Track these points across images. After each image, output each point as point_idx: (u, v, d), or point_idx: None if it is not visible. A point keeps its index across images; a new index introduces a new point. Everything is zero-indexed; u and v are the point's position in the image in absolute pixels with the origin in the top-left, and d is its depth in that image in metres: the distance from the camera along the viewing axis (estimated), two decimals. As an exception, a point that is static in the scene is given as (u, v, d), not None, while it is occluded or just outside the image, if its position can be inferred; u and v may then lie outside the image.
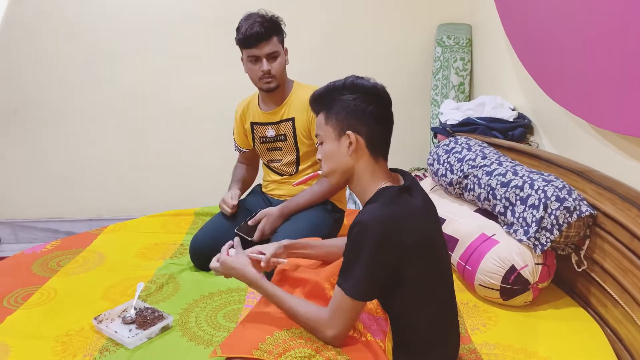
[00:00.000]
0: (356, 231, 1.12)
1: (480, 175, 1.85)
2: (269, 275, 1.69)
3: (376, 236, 1.10)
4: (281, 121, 2.02)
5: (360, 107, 1.18)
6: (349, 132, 1.18)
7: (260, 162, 2.25)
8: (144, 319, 1.54)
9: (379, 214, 1.12)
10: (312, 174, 1.72)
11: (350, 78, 1.22)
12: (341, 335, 1.16)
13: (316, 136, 1.27)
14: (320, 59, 2.99)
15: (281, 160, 2.08)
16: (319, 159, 1.27)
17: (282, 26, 1.92)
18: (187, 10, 2.92)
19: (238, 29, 1.88)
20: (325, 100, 1.23)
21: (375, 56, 3.02)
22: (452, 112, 2.53)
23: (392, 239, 1.10)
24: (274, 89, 1.95)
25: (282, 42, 1.93)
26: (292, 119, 2.00)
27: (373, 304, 1.29)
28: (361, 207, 1.25)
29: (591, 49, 1.71)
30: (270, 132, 2.05)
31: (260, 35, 1.83)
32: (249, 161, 2.26)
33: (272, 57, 1.89)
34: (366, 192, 1.21)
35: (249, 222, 1.92)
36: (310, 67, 2.78)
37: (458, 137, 2.18)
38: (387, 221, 1.11)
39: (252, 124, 2.09)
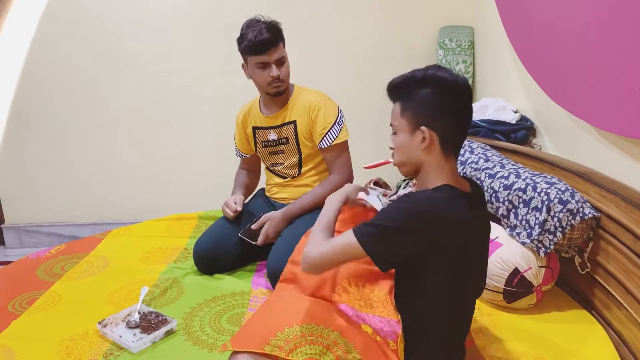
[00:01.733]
0: (403, 200, 1.12)
1: (482, 178, 1.85)
2: (274, 276, 1.67)
3: (411, 213, 1.10)
4: (283, 124, 2.02)
5: (437, 103, 1.14)
6: (423, 127, 1.16)
7: (262, 166, 2.25)
8: (148, 323, 1.54)
9: (431, 199, 1.11)
10: (383, 160, 1.63)
11: (431, 70, 1.17)
12: (312, 257, 1.17)
13: (390, 125, 1.25)
14: (321, 61, 3.00)
15: (284, 163, 2.08)
16: (391, 148, 1.25)
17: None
18: (191, 15, 2.93)
19: (243, 36, 1.89)
20: (402, 90, 1.20)
21: (377, 59, 3.02)
22: (455, 114, 2.53)
23: (419, 227, 1.10)
24: (283, 92, 1.97)
25: (285, 46, 1.94)
26: (294, 122, 2.00)
27: (386, 309, 1.28)
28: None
29: (593, 51, 1.71)
30: (272, 135, 2.05)
31: (269, 42, 1.85)
32: (251, 167, 2.26)
33: (280, 62, 1.91)
34: (428, 185, 1.19)
35: (253, 226, 1.93)
36: (311, 70, 2.79)
37: (460, 139, 2.18)
38: (429, 211, 1.10)
39: (254, 128, 2.09)
